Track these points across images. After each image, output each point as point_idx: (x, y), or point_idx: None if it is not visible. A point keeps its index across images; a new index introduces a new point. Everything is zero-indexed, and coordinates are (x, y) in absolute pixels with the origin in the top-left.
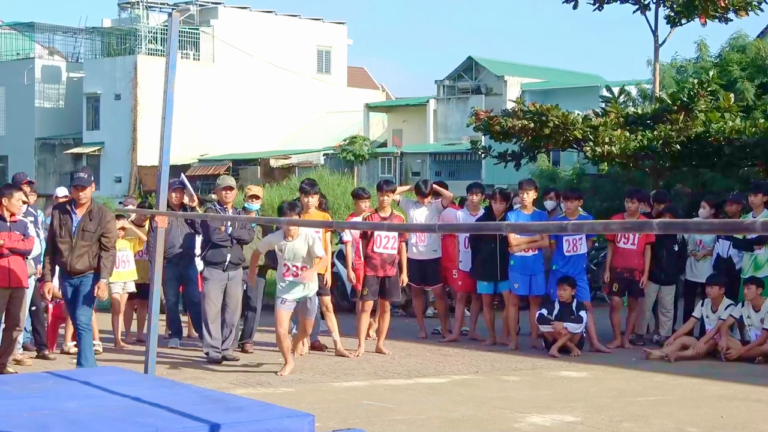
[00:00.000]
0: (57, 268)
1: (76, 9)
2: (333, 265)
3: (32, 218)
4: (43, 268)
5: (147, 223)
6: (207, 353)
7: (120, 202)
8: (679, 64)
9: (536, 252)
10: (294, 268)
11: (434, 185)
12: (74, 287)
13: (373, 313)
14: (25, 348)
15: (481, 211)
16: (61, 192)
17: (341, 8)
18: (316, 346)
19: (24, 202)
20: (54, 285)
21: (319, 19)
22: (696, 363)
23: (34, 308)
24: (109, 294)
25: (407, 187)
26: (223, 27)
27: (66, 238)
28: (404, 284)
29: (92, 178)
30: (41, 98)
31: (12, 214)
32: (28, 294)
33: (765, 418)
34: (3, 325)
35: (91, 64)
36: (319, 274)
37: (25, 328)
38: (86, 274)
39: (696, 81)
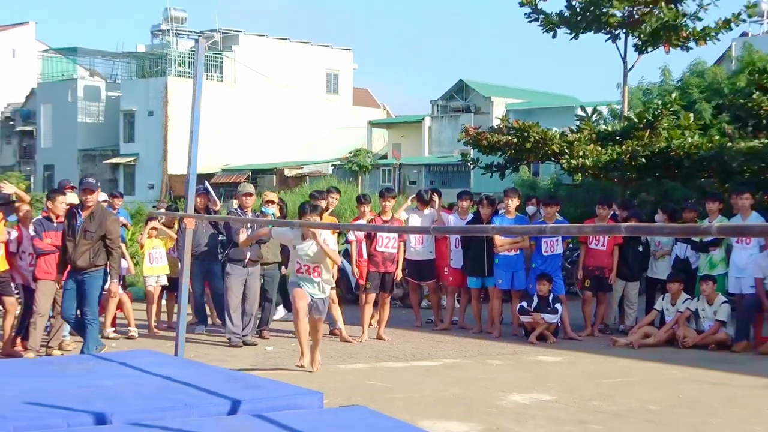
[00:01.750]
0: None
1: (114, 35)
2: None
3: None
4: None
5: (176, 225)
6: (229, 339)
7: (153, 206)
8: (645, 87)
9: (518, 252)
10: (306, 268)
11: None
12: (78, 283)
13: (374, 304)
14: (71, 333)
15: (470, 216)
16: (101, 197)
17: (348, 36)
18: (333, 333)
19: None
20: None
21: (328, 46)
22: (657, 350)
23: None
24: (144, 286)
25: (407, 204)
26: (244, 52)
27: (71, 237)
28: (399, 279)
29: (99, 184)
30: (83, 114)
31: (57, 216)
32: None
33: (717, 398)
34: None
35: (127, 84)
36: None
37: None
38: (89, 272)
39: (660, 102)
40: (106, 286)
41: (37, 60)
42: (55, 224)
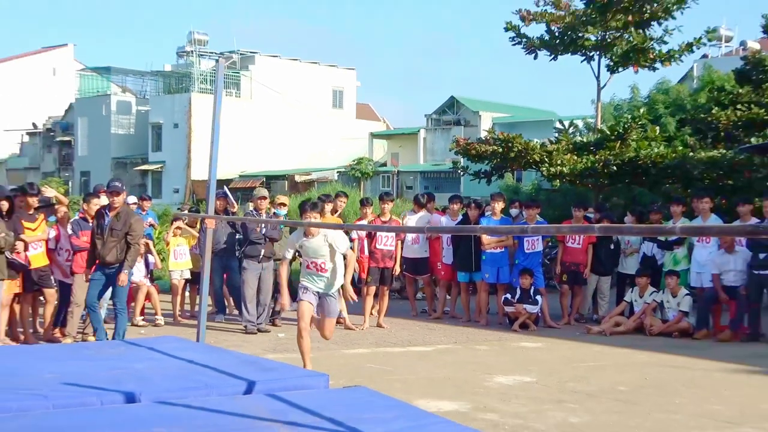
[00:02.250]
0: None
1: (144, 56)
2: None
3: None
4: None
5: (198, 225)
6: (245, 326)
7: (178, 208)
8: (616, 103)
9: (503, 249)
10: (313, 264)
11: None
12: (107, 276)
13: (374, 296)
14: (105, 321)
15: (460, 217)
16: (131, 200)
17: (352, 57)
18: (338, 321)
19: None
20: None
21: (334, 66)
22: (626, 337)
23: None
24: (170, 279)
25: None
26: (259, 71)
27: (100, 235)
28: (397, 274)
29: (124, 187)
30: (116, 126)
31: (92, 217)
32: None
33: (680, 380)
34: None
35: (155, 99)
36: None
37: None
38: (116, 267)
39: (629, 116)
40: (132, 278)
41: (75, 78)
42: (90, 224)
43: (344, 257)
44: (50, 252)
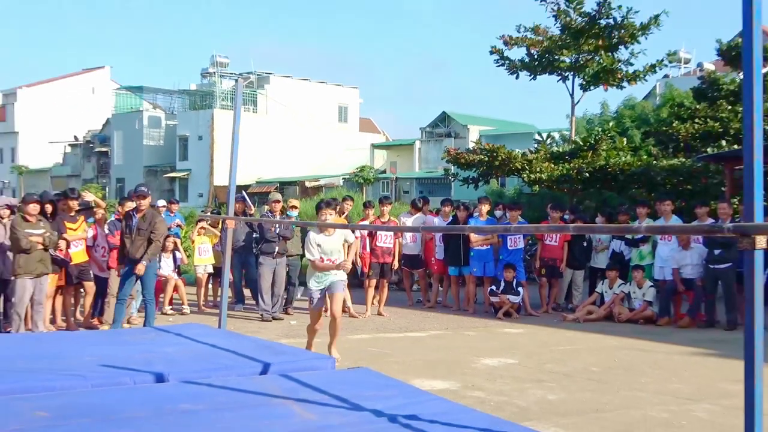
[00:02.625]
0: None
1: (172, 76)
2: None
3: None
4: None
5: (219, 225)
6: (261, 315)
7: (202, 211)
8: (588, 117)
9: (489, 246)
10: (329, 261)
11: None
12: (136, 273)
13: (375, 288)
14: (138, 311)
15: (451, 218)
16: (161, 203)
17: (355, 77)
18: (343, 310)
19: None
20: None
21: (339, 85)
22: (597, 324)
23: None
24: (194, 272)
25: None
26: (274, 89)
27: (128, 234)
28: (395, 268)
29: (149, 192)
30: (147, 138)
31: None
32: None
33: (645, 361)
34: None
35: (182, 115)
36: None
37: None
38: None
39: (600, 129)
40: (162, 272)
41: (111, 96)
42: (122, 223)
43: (348, 245)
44: (89, 249)
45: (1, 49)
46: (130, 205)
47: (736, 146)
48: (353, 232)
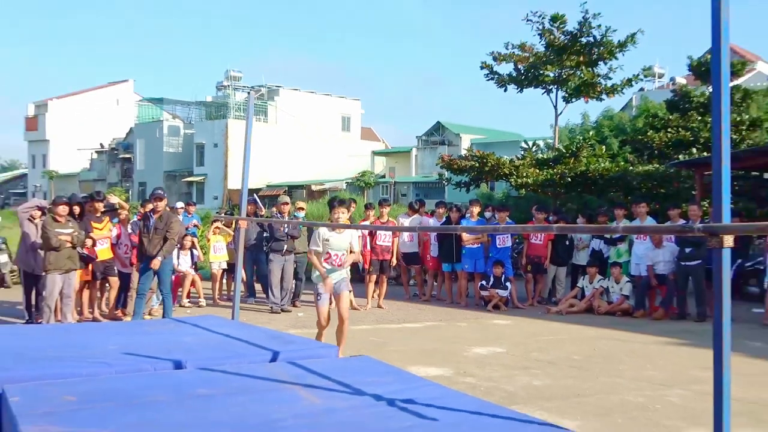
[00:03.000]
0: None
1: (190, 89)
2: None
3: None
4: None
5: (233, 225)
6: (271, 307)
7: (216, 212)
8: (570, 127)
9: (479, 245)
10: (336, 257)
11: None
12: (152, 268)
13: (375, 282)
14: (159, 303)
15: (444, 219)
16: (179, 205)
17: (358, 89)
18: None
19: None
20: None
21: (343, 97)
22: (578, 316)
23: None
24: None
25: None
26: (283, 101)
27: (146, 234)
28: (394, 264)
29: (165, 194)
30: (167, 146)
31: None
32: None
33: (622, 350)
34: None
35: (199, 124)
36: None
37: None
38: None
39: (581, 138)
40: (181, 268)
41: (134, 107)
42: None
43: (352, 251)
44: (113, 247)
45: (33, 63)
46: (149, 207)
47: (705, 153)
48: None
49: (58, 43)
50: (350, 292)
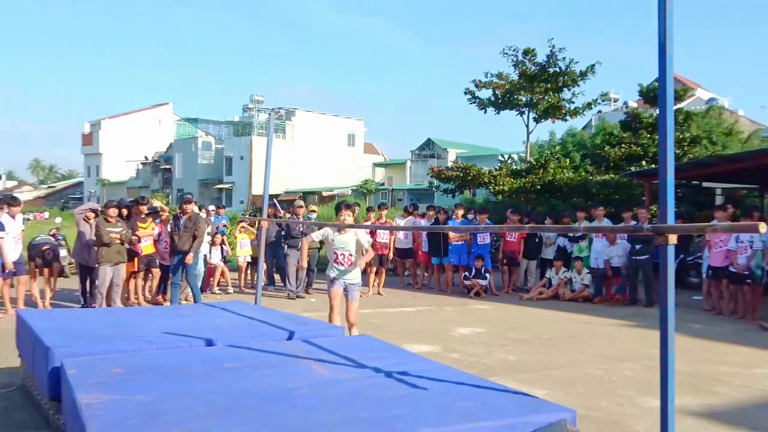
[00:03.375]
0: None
1: (220, 110)
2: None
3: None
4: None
5: (256, 225)
6: (288, 294)
7: (242, 214)
8: (539, 143)
9: (463, 242)
10: (342, 256)
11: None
12: (181, 261)
13: (375, 273)
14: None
15: (434, 220)
16: (211, 208)
17: (361, 111)
18: None
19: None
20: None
21: (349, 117)
22: (547, 302)
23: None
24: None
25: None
26: (298, 120)
27: (177, 232)
28: (391, 258)
29: (194, 198)
30: (201, 158)
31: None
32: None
33: (584, 331)
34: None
35: (228, 140)
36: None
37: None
38: (186, 253)
39: (548, 152)
40: (212, 261)
41: (173, 125)
42: (182, 222)
43: (365, 250)
44: (155, 243)
45: (88, 87)
46: (184, 209)
47: (653, 165)
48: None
49: (109, 70)
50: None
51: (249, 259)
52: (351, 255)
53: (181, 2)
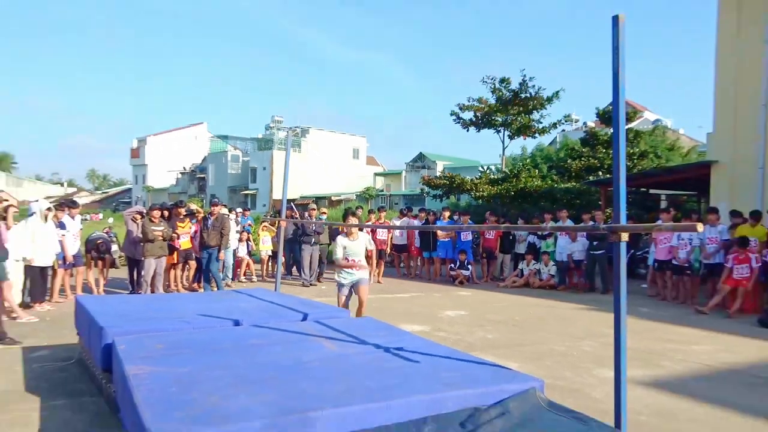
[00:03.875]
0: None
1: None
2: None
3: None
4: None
5: (276, 224)
6: (302, 282)
7: (264, 215)
8: (513, 156)
9: (449, 239)
10: (353, 261)
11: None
12: (209, 254)
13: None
14: (228, 282)
15: (425, 221)
16: (239, 210)
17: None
18: None
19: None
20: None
21: (354, 135)
22: (519, 289)
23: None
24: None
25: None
26: (312, 137)
27: (206, 230)
28: (388, 252)
29: (221, 202)
30: (230, 169)
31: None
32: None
33: (551, 315)
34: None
35: (253, 154)
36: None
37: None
38: (214, 248)
39: (521, 164)
40: (239, 254)
41: (207, 141)
42: (211, 221)
43: (369, 250)
44: (192, 239)
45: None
46: (215, 210)
47: (608, 175)
48: (361, 229)
49: (154, 94)
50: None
51: (270, 253)
52: (361, 260)
53: (216, 37)
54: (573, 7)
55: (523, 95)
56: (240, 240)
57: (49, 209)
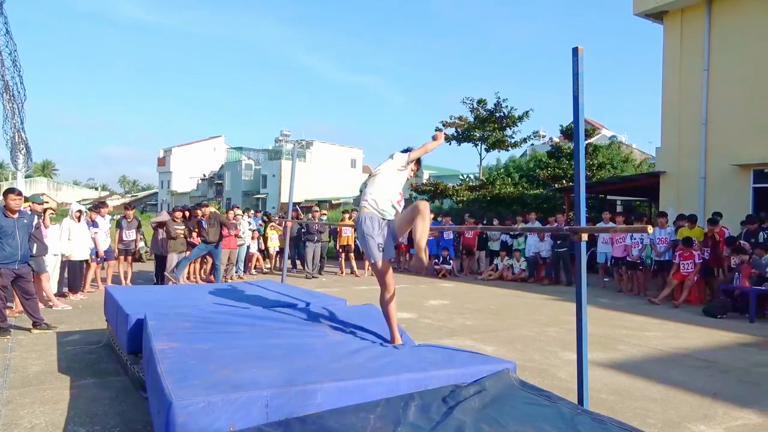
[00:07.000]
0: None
1: (258, 140)
2: (356, 239)
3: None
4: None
5: (283, 224)
6: (306, 275)
7: (273, 216)
8: (489, 166)
9: (434, 237)
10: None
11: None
12: (210, 250)
13: None
14: (239, 276)
15: None
16: (251, 211)
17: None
18: (353, 273)
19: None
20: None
21: (352, 147)
22: (495, 282)
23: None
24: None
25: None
26: (315, 148)
27: (204, 230)
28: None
29: (209, 204)
30: (244, 176)
31: (230, 221)
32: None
33: (521, 304)
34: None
35: (264, 163)
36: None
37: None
38: (216, 244)
39: (496, 173)
40: (250, 250)
41: (224, 152)
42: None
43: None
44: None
45: (164, 122)
46: (231, 212)
47: (571, 183)
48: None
49: (178, 109)
50: (354, 266)
51: (277, 249)
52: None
53: (234, 63)
54: (540, 38)
55: (497, 114)
56: (252, 237)
57: (79, 211)
